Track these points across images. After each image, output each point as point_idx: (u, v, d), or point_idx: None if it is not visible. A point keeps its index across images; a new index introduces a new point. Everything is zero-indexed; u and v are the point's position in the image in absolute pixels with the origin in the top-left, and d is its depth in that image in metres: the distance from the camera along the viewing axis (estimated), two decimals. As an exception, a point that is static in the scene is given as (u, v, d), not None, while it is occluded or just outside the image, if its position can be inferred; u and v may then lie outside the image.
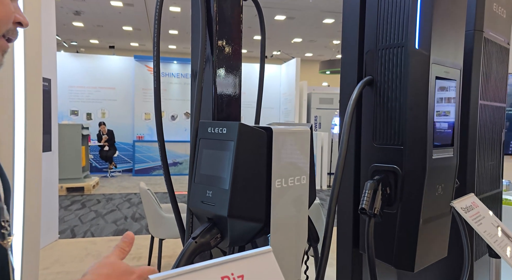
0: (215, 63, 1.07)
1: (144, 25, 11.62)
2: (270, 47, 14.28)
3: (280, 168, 0.92)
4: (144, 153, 9.96)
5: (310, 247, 1.16)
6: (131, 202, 6.63)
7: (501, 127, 2.04)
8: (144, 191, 3.33)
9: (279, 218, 0.94)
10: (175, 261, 0.82)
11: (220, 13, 1.07)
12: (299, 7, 9.77)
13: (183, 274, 0.44)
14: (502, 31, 1.95)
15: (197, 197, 0.94)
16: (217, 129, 0.92)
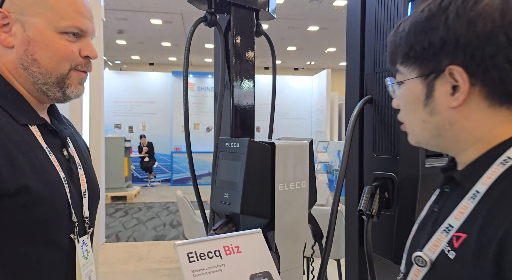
0: (233, 88, 1.31)
1: (181, 40, 12.19)
2: (303, 58, 14.48)
3: (282, 175, 1.14)
4: (182, 163, 10.41)
5: (315, 242, 1.36)
6: (169, 210, 7.01)
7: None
8: (180, 199, 3.62)
9: (282, 215, 1.16)
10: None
11: (236, 48, 1.31)
12: (332, 18, 9.93)
13: (200, 242, 0.67)
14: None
15: (217, 198, 1.18)
16: (232, 144, 1.16)
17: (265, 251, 0.77)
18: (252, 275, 0.70)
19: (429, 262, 0.63)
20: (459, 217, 0.61)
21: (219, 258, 0.69)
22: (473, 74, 0.59)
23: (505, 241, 0.52)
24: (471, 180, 0.62)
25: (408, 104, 0.69)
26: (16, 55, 0.74)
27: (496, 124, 0.61)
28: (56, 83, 0.78)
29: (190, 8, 9.31)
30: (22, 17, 0.73)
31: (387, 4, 1.48)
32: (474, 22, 0.58)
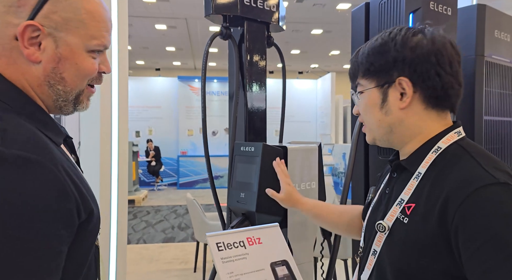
0: (246, 97, 1.41)
1: (186, 45, 12.32)
2: (308, 61, 14.56)
3: (293, 176, 1.24)
4: (188, 167, 10.51)
5: (324, 240, 1.45)
6: (177, 213, 7.11)
7: (511, 140, 2.22)
8: (191, 201, 3.72)
9: (294, 214, 1.25)
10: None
11: (249, 59, 1.41)
12: (336, 21, 10.01)
13: (227, 234, 0.77)
14: (507, 54, 2.16)
15: (234, 198, 1.28)
16: (247, 148, 1.26)
17: (282, 242, 0.86)
18: (272, 263, 0.80)
19: (387, 228, 0.82)
20: (408, 192, 0.81)
21: (243, 248, 0.78)
22: (415, 83, 0.81)
23: (447, 203, 0.72)
24: (414, 165, 0.83)
25: (368, 108, 0.89)
26: (42, 72, 0.70)
27: (429, 121, 0.83)
28: (74, 99, 0.76)
29: (194, 13, 9.36)
30: (57, 33, 0.69)
31: (390, 15, 1.58)
32: (415, 47, 0.80)
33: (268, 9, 1.41)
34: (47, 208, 0.59)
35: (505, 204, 0.69)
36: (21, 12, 0.66)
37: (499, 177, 0.71)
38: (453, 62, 0.81)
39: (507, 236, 0.67)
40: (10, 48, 0.67)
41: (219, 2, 1.34)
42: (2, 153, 0.56)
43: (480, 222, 0.69)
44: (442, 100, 0.82)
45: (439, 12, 1.57)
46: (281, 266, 0.81)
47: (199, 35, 11.11)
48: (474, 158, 0.76)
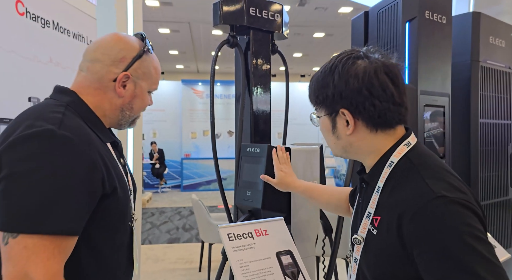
0: (252, 101, 1.50)
1: (189, 48, 12.44)
2: (310, 64, 14.66)
3: (296, 175, 1.32)
4: (191, 169, 10.60)
5: (325, 236, 1.53)
6: (181, 214, 7.20)
7: (506, 141, 2.30)
8: (196, 202, 3.81)
9: (297, 211, 1.33)
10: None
11: (254, 66, 1.50)
12: (337, 24, 10.10)
13: (237, 226, 0.86)
14: (502, 59, 2.24)
15: (241, 196, 1.36)
16: (253, 149, 1.34)
17: (287, 234, 0.95)
18: (277, 252, 0.88)
19: (362, 240, 0.89)
20: (373, 205, 0.88)
21: (251, 239, 0.87)
22: (354, 113, 0.88)
23: (400, 218, 0.79)
24: (374, 179, 0.90)
25: (324, 132, 0.99)
26: (121, 102, 1.05)
27: (378, 141, 0.90)
28: (131, 121, 1.12)
29: (197, 17, 9.44)
30: (137, 80, 1.05)
31: (387, 24, 1.67)
32: (348, 82, 0.87)
33: (272, 19, 1.49)
34: (79, 172, 0.84)
35: (439, 218, 0.75)
36: (120, 65, 1.02)
37: (437, 190, 0.77)
38: (386, 88, 0.86)
39: (449, 248, 0.73)
40: (106, 85, 1.02)
41: (226, 13, 1.43)
42: (55, 132, 0.84)
43: (425, 238, 0.75)
44: (383, 123, 0.88)
45: (434, 20, 1.65)
46: (286, 255, 0.89)
47: (202, 38, 11.22)
48: (419, 172, 0.83)
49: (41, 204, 0.79)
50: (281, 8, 1.53)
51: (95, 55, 1.03)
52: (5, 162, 0.81)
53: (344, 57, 0.90)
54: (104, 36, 1.07)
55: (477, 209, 0.79)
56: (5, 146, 0.83)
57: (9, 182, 0.80)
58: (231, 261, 0.82)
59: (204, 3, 7.99)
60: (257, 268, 0.84)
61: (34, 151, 0.81)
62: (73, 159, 0.84)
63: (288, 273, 0.87)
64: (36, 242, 0.77)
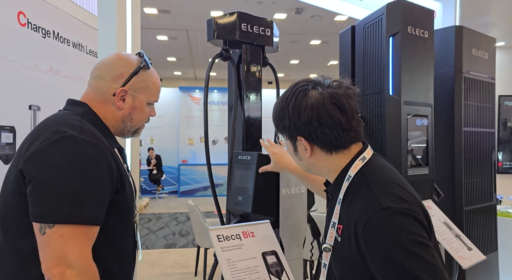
0: (244, 110, 1.58)
1: (186, 55, 12.55)
2: (307, 71, 14.79)
3: (285, 181, 1.40)
4: (188, 175, 10.66)
5: (314, 239, 1.61)
6: (177, 220, 7.25)
7: (490, 149, 2.39)
8: (192, 207, 3.88)
9: (285, 214, 1.41)
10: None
11: (246, 78, 1.59)
12: (333, 32, 10.24)
13: (226, 228, 0.94)
14: (484, 70, 2.34)
15: (232, 201, 1.44)
16: (244, 156, 1.42)
17: (272, 236, 1.03)
18: (263, 253, 0.96)
19: (330, 248, 0.98)
20: (336, 216, 0.97)
21: (239, 240, 0.95)
22: (309, 140, 0.98)
23: (356, 229, 0.87)
24: (335, 192, 1.00)
25: (289, 153, 1.10)
26: (122, 115, 1.17)
27: (335, 161, 1.00)
28: (134, 131, 1.24)
29: (194, 25, 9.55)
30: (135, 93, 1.17)
31: (372, 38, 1.76)
32: (300, 114, 0.97)
33: (263, 33, 1.58)
34: (101, 168, 0.99)
35: (384, 228, 0.84)
36: (119, 81, 1.15)
37: (383, 202, 0.86)
38: (333, 117, 0.95)
39: (393, 255, 0.81)
40: (108, 99, 1.16)
41: (219, 28, 1.52)
42: (77, 136, 0.98)
43: (373, 248, 0.84)
44: (336, 147, 0.98)
45: (417, 35, 1.75)
46: (271, 255, 0.97)
47: (199, 45, 11.34)
48: (370, 186, 0.91)
49: (73, 197, 0.91)
50: (272, 23, 1.62)
51: (98, 73, 1.17)
52: (37, 162, 0.93)
53: (298, 89, 1.00)
54: (108, 56, 1.21)
55: (420, 217, 0.87)
56: (35, 150, 0.95)
57: (43, 178, 0.91)
58: (220, 260, 0.90)
59: (201, 11, 8.12)
60: (244, 266, 0.92)
61: (62, 151, 0.94)
62: (95, 158, 0.97)
63: (272, 271, 0.95)
64: (70, 230, 0.90)
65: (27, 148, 0.98)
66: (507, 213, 2.78)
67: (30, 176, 0.93)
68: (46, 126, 1.03)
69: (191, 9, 8.09)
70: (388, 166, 1.02)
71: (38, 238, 0.91)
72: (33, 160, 0.94)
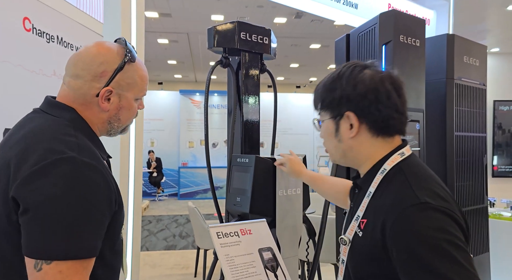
0: (243, 115, 1.66)
1: (187, 58, 12.62)
2: (307, 74, 14.86)
3: (282, 183, 1.48)
4: (189, 178, 10.72)
5: (309, 239, 1.68)
6: (177, 222, 7.31)
7: (482, 153, 2.46)
8: (192, 209, 3.95)
9: (282, 215, 1.48)
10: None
11: (245, 84, 1.66)
12: (333, 36, 10.31)
13: (225, 226, 1.01)
14: (476, 76, 2.42)
15: (231, 202, 1.51)
16: (243, 159, 1.50)
17: (268, 233, 1.10)
18: (259, 249, 1.03)
19: (348, 241, 0.94)
20: (362, 209, 0.92)
21: (237, 237, 1.02)
22: (360, 116, 0.93)
23: (384, 220, 0.83)
24: (366, 184, 0.95)
25: (326, 136, 1.02)
26: (107, 116, 1.04)
27: (377, 147, 0.95)
28: (122, 130, 1.11)
29: (195, 29, 9.60)
30: (121, 92, 1.03)
31: (366, 46, 1.84)
32: (356, 86, 0.92)
33: (261, 42, 1.66)
34: (101, 195, 0.89)
35: (418, 223, 0.79)
36: (102, 80, 1.00)
37: (421, 197, 0.81)
38: (390, 96, 0.91)
39: (425, 251, 0.76)
40: (90, 101, 1.01)
41: (219, 37, 1.60)
42: (76, 159, 0.87)
43: (401, 241, 0.79)
44: (385, 129, 0.93)
45: (409, 44, 1.83)
46: (267, 251, 1.04)
47: (200, 49, 11.42)
48: (407, 179, 0.86)
49: (72, 231, 0.82)
50: (269, 32, 1.69)
51: (75, 71, 1.00)
52: (33, 190, 0.82)
53: (352, 65, 0.96)
54: (84, 48, 1.03)
55: (459, 219, 0.82)
56: (29, 174, 0.84)
57: (40, 210, 0.81)
58: (219, 255, 0.97)
59: (202, 15, 8.20)
60: (241, 261, 0.98)
61: (61, 177, 0.84)
62: (96, 183, 0.88)
63: (268, 266, 1.02)
64: (70, 266, 0.81)
65: (16, 168, 0.86)
66: (499, 215, 2.84)
67: (26, 206, 0.83)
68: (35, 141, 0.90)
69: (192, 13, 8.17)
70: (426, 166, 0.97)
71: (31, 274, 0.82)
72: (28, 186, 0.83)
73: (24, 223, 0.83)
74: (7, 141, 0.96)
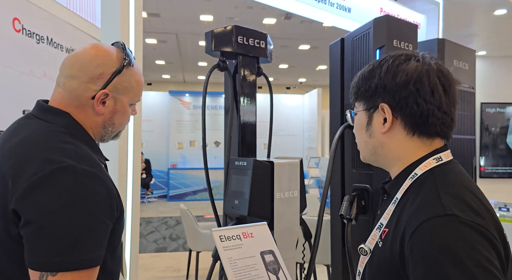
0: (240, 118, 1.67)
1: (175, 59, 12.56)
2: (296, 75, 14.94)
3: (279, 186, 1.49)
4: (178, 179, 10.67)
5: (305, 241, 1.70)
6: (167, 224, 7.28)
7: (471, 155, 2.51)
8: (184, 211, 3.94)
9: (279, 217, 1.50)
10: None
11: (241, 87, 1.67)
12: (322, 37, 10.41)
13: (227, 229, 1.02)
14: (465, 80, 2.47)
15: (229, 204, 1.52)
16: (241, 162, 1.51)
17: (269, 236, 1.11)
18: (261, 252, 1.04)
19: (369, 251, 0.86)
20: (386, 217, 0.84)
21: (239, 240, 1.03)
22: (395, 110, 0.84)
23: (404, 230, 0.75)
24: (394, 190, 0.86)
25: (357, 129, 0.96)
26: (102, 119, 1.02)
27: (411, 148, 0.85)
28: (115, 135, 1.10)
29: (184, 29, 9.61)
30: (117, 95, 1.02)
31: (360, 50, 1.87)
32: (396, 75, 0.83)
33: (258, 46, 1.68)
34: (103, 204, 0.88)
35: (441, 237, 0.69)
36: (98, 82, 0.99)
37: (449, 208, 0.71)
38: (435, 91, 0.82)
39: (439, 269, 0.66)
40: (85, 103, 0.99)
41: (217, 41, 1.61)
42: (76, 167, 0.86)
43: (419, 254, 0.70)
44: (422, 127, 0.83)
45: (402, 48, 1.86)
46: (269, 254, 1.06)
47: (189, 49, 11.39)
48: (436, 186, 0.77)
49: (75, 242, 0.82)
50: (266, 36, 1.71)
51: (71, 72, 0.98)
52: (34, 203, 0.82)
53: (397, 54, 0.86)
54: (82, 49, 1.02)
55: (493, 239, 0.70)
56: (28, 185, 0.82)
57: (41, 222, 0.81)
58: (222, 259, 0.98)
59: (191, 15, 8.19)
60: (244, 264, 1.00)
61: (62, 189, 0.83)
62: (97, 192, 0.87)
63: (270, 269, 1.03)
64: (75, 276, 0.82)
65: (14, 180, 0.84)
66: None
67: (27, 218, 0.82)
68: (30, 151, 0.88)
69: (181, 13, 8.15)
70: (467, 175, 0.85)
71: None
72: (28, 198, 0.82)
73: (26, 236, 0.83)
74: (0, 150, 0.94)
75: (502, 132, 6.47)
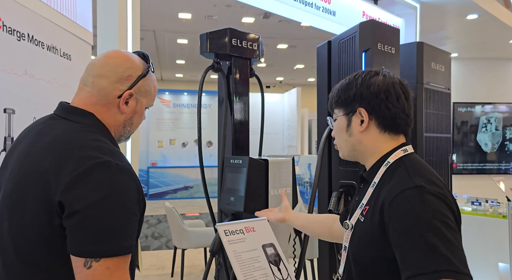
0: (234, 118, 1.72)
1: (153, 56, 12.36)
2: (274, 74, 15.05)
3: (273, 183, 1.56)
4: (158, 178, 10.59)
5: (296, 235, 1.78)
6: (149, 223, 7.23)
7: (447, 152, 2.66)
8: (169, 209, 3.96)
9: (274, 213, 1.56)
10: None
11: (235, 88, 1.73)
12: (300, 37, 10.52)
13: (231, 224, 1.08)
14: (442, 81, 2.61)
15: (225, 201, 1.58)
16: (236, 160, 1.57)
17: (270, 231, 1.18)
18: (263, 245, 1.11)
19: (351, 226, 1.05)
20: (366, 198, 1.03)
21: (242, 234, 1.09)
22: (370, 113, 1.05)
23: (383, 203, 0.93)
24: (371, 176, 1.06)
25: (338, 131, 1.14)
26: (124, 118, 1.10)
27: (383, 142, 1.06)
28: (129, 136, 1.18)
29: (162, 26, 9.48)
30: (139, 97, 1.11)
31: (347, 53, 1.96)
32: (369, 86, 1.05)
33: (251, 48, 1.74)
34: (133, 196, 0.96)
35: (414, 203, 0.88)
36: (126, 83, 1.08)
37: (417, 182, 0.91)
38: (399, 98, 1.04)
39: (418, 227, 0.85)
40: (111, 101, 1.07)
41: (212, 43, 1.66)
42: (111, 162, 0.94)
43: (397, 219, 0.89)
44: (392, 126, 1.05)
45: (385, 51, 1.96)
46: (270, 247, 1.12)
47: (166, 46, 11.29)
48: (406, 169, 0.97)
49: (114, 231, 0.91)
50: (258, 38, 1.77)
51: (101, 71, 1.06)
52: (78, 195, 0.90)
53: (366, 71, 1.09)
54: (110, 53, 1.11)
55: (451, 204, 0.91)
56: (71, 180, 0.90)
57: (86, 213, 0.89)
58: (228, 251, 1.04)
59: (169, 12, 8.12)
60: (247, 257, 1.06)
61: (101, 182, 0.91)
62: (130, 184, 0.95)
63: (271, 260, 1.10)
64: (115, 262, 0.91)
65: (56, 176, 0.92)
66: (461, 210, 3.08)
67: (72, 210, 0.90)
68: (67, 149, 0.95)
69: (159, 10, 8.07)
70: (424, 162, 1.06)
71: (80, 272, 0.90)
72: (72, 192, 0.90)
73: (71, 226, 0.91)
74: (31, 149, 1.00)
75: (471, 130, 6.80)
